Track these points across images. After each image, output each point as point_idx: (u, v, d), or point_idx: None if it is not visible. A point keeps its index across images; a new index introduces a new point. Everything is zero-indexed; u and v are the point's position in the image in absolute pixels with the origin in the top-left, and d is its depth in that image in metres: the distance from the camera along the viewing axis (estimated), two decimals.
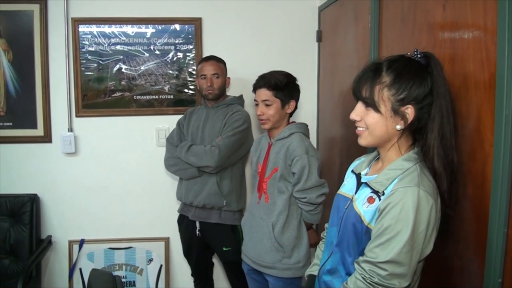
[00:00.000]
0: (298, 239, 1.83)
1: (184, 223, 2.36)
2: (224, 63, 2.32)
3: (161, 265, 2.64)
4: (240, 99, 2.36)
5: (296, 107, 1.93)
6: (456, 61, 1.21)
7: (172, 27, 2.54)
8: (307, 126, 1.95)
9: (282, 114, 1.89)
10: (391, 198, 1.05)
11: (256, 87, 1.91)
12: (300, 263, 1.83)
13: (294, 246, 1.83)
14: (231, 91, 2.49)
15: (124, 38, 2.52)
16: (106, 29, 2.50)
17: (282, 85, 1.85)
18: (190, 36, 2.55)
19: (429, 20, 1.35)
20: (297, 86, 1.94)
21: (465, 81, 1.17)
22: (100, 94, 2.53)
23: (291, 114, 1.94)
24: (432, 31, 1.33)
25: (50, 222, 2.58)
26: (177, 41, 2.54)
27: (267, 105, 1.86)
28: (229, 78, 2.34)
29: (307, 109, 2.60)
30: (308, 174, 1.78)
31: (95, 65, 2.51)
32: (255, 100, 1.92)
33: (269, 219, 1.85)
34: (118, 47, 2.52)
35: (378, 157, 1.24)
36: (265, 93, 1.87)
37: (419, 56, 1.12)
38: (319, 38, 2.60)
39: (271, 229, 1.83)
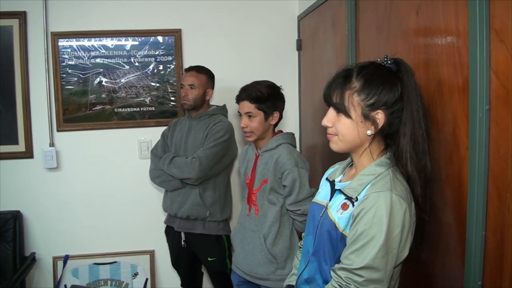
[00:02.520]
0: (291, 249, 1.80)
1: (170, 234, 2.34)
2: (209, 75, 2.29)
3: (147, 279, 2.59)
4: (223, 109, 2.34)
5: (281, 117, 1.90)
6: (430, 66, 1.21)
7: (152, 39, 2.52)
8: (294, 135, 1.92)
9: (266, 125, 1.85)
10: (364, 204, 1.04)
11: (239, 99, 1.87)
12: None
13: (287, 256, 1.80)
14: (214, 101, 2.47)
15: (104, 51, 2.50)
16: (86, 42, 2.48)
17: (265, 97, 1.81)
18: (170, 48, 2.53)
19: (403, 26, 1.35)
20: (281, 96, 1.89)
21: (439, 86, 1.17)
22: (81, 108, 2.50)
23: (276, 124, 1.90)
24: (407, 37, 1.33)
25: (34, 238, 2.52)
26: (157, 53, 2.53)
27: (250, 117, 1.83)
28: (211, 90, 2.31)
29: (289, 118, 2.59)
30: (300, 186, 1.75)
31: (76, 78, 2.48)
32: (238, 111, 1.89)
33: (261, 231, 1.82)
34: (98, 60, 2.49)
35: (352, 164, 1.24)
36: (247, 106, 1.83)
37: (389, 62, 1.12)
38: (299, 47, 2.60)
39: (263, 240, 1.80)
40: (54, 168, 2.50)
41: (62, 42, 2.45)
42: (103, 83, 2.51)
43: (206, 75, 2.28)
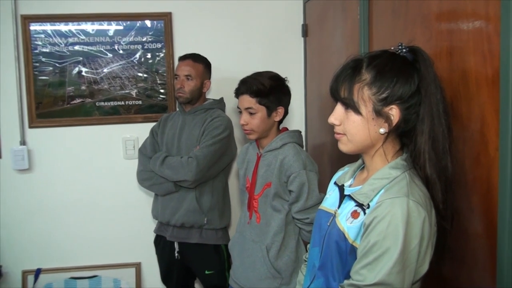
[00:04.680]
0: (297, 262, 1.80)
1: (161, 244, 2.34)
2: (206, 64, 2.30)
3: None
4: (220, 103, 2.34)
5: (286, 113, 1.89)
6: (454, 55, 1.21)
7: (139, 23, 2.52)
8: (300, 133, 1.92)
9: (269, 123, 1.84)
10: (378, 211, 1.03)
11: (238, 93, 1.86)
12: None
13: (292, 270, 1.79)
14: (211, 94, 2.47)
15: (83, 37, 2.49)
16: (62, 27, 2.47)
17: (267, 91, 1.80)
18: (159, 33, 2.53)
19: (424, 10, 1.35)
20: (286, 89, 1.88)
21: (464, 77, 1.17)
22: (57, 101, 2.49)
23: (281, 121, 1.90)
24: (427, 23, 1.33)
25: (1, 250, 2.51)
26: (144, 39, 2.53)
27: (251, 114, 1.82)
28: (208, 81, 2.31)
29: (293, 113, 2.59)
30: (309, 192, 1.74)
31: (51, 68, 2.47)
32: (238, 107, 1.88)
33: (263, 242, 1.82)
34: (76, 47, 2.49)
35: (363, 166, 1.23)
36: (248, 100, 1.82)
37: (404, 50, 1.12)
38: (305, 33, 2.60)
39: (265, 252, 1.80)
40: (26, 169, 2.49)
41: (34, 27, 2.44)
42: (83, 73, 2.50)
43: (203, 64, 2.28)
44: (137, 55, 2.53)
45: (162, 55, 2.54)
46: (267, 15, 2.60)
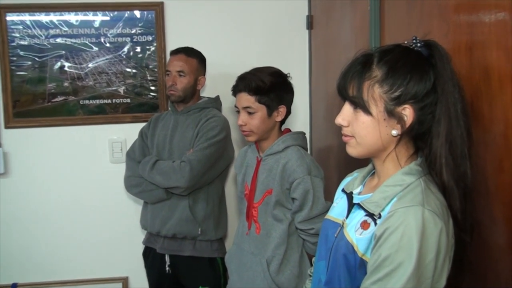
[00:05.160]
0: (301, 277, 1.81)
1: (150, 257, 2.34)
2: (200, 58, 2.31)
3: None
4: (216, 102, 2.35)
5: (289, 113, 1.90)
6: (474, 50, 1.21)
7: (127, 14, 2.52)
8: (305, 135, 1.93)
9: (270, 123, 1.85)
10: (390, 222, 1.03)
11: (236, 90, 1.87)
12: None
13: (295, 286, 1.80)
14: (206, 92, 2.47)
15: (66, 29, 2.49)
16: (43, 17, 2.48)
17: (267, 88, 1.81)
18: (150, 25, 2.53)
19: (441, 1, 1.36)
20: (289, 86, 1.89)
21: (486, 74, 1.17)
22: (37, 99, 2.50)
23: (283, 121, 1.91)
24: (445, 14, 1.33)
25: None
26: (133, 32, 2.53)
27: (249, 113, 1.83)
28: (203, 78, 2.32)
29: (297, 113, 2.59)
30: (314, 199, 1.75)
31: (30, 62, 2.48)
32: (235, 106, 1.88)
33: (263, 254, 1.82)
34: (58, 39, 2.49)
35: (374, 172, 1.23)
36: (246, 99, 1.82)
37: (419, 44, 1.12)
38: (310, 25, 2.61)
39: (265, 267, 1.80)
40: (1, 174, 2.49)
41: (11, 17, 2.45)
42: (65, 68, 2.51)
43: (197, 59, 2.29)
44: (125, 49, 2.54)
45: (152, 48, 2.54)
46: (268, 5, 2.61)
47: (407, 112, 1.08)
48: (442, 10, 1.35)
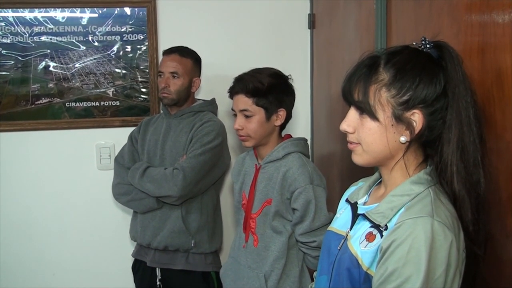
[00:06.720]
0: None
1: (140, 271, 2.34)
2: (195, 59, 2.31)
3: None
4: (212, 105, 2.35)
5: (289, 117, 1.90)
6: (487, 52, 1.21)
7: (117, 11, 2.53)
8: (306, 141, 1.93)
9: (268, 127, 1.85)
10: (397, 233, 1.03)
11: (232, 92, 1.87)
12: None
13: None
14: (201, 95, 2.47)
15: (51, 26, 2.49)
16: (27, 14, 2.47)
17: (265, 89, 1.81)
18: (141, 23, 2.54)
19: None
20: (289, 88, 1.89)
21: (499, 78, 1.17)
22: (19, 101, 2.50)
23: (283, 126, 1.91)
24: (456, 13, 1.34)
25: None
26: (123, 30, 2.54)
27: (247, 117, 1.83)
28: (198, 79, 2.32)
29: (298, 118, 2.59)
30: (316, 210, 1.75)
31: (12, 62, 2.48)
32: (232, 109, 1.89)
33: (261, 269, 1.82)
34: (43, 38, 2.49)
35: (380, 181, 1.24)
36: (243, 101, 1.82)
37: (428, 46, 1.12)
38: (312, 24, 2.62)
39: (263, 282, 1.80)
40: None
41: None
42: (50, 68, 2.51)
43: (192, 59, 2.29)
44: (115, 48, 2.54)
45: (144, 48, 2.55)
46: (267, 3, 2.61)
47: (416, 118, 1.09)
48: (452, 8, 1.36)
